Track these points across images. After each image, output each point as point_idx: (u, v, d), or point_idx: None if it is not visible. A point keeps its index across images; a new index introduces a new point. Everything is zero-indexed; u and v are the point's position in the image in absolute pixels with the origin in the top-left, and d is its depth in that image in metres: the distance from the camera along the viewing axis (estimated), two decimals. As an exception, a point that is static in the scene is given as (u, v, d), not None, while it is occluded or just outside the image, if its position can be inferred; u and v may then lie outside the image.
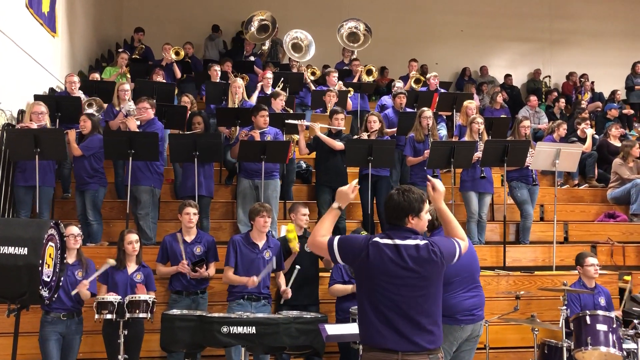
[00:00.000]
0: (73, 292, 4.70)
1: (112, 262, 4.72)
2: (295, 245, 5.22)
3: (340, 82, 9.15)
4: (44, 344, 4.68)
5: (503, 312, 5.30)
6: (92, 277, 4.76)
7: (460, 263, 3.90)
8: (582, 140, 8.57)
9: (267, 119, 6.60)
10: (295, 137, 7.18)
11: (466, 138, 6.97)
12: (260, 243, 5.10)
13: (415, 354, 2.89)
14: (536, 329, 4.96)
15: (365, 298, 2.99)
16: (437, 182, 3.26)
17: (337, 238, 3.07)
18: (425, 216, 3.10)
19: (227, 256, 5.09)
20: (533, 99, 10.58)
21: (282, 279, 5.23)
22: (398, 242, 2.96)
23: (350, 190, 3.15)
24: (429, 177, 3.36)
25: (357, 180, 3.33)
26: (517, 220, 7.21)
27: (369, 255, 2.95)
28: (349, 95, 8.96)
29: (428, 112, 7.01)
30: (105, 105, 7.54)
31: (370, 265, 2.94)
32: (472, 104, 7.91)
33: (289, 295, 5.08)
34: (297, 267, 5.10)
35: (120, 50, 10.43)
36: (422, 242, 2.97)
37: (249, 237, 5.14)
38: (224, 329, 4.21)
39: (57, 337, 4.71)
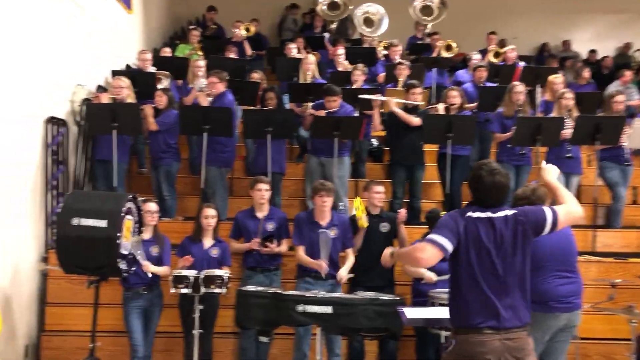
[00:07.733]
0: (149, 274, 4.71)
1: (138, 238, 4.58)
2: (363, 222, 5.05)
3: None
4: (127, 319, 4.78)
5: (592, 300, 4.92)
6: (141, 258, 4.62)
7: (553, 246, 3.65)
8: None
9: (337, 103, 6.32)
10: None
11: (554, 114, 6.53)
12: (324, 221, 4.98)
13: (516, 330, 2.89)
14: (634, 321, 4.58)
15: (460, 275, 2.97)
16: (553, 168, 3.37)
17: (429, 238, 2.97)
18: None
19: (294, 235, 5.05)
20: (628, 73, 9.71)
21: (350, 258, 5.03)
22: (490, 214, 2.98)
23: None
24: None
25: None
26: (607, 203, 6.74)
27: (467, 228, 2.94)
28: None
29: (520, 87, 6.60)
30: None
31: (465, 240, 2.93)
32: (558, 79, 7.43)
33: (343, 281, 4.96)
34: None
35: (191, 27, 10.43)
36: (510, 213, 3.01)
37: (312, 215, 5.05)
38: (300, 308, 4.12)
39: (138, 311, 4.79)
